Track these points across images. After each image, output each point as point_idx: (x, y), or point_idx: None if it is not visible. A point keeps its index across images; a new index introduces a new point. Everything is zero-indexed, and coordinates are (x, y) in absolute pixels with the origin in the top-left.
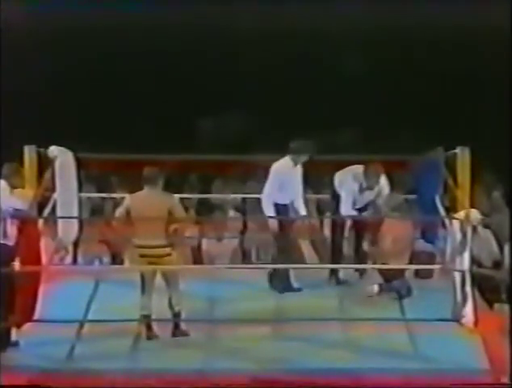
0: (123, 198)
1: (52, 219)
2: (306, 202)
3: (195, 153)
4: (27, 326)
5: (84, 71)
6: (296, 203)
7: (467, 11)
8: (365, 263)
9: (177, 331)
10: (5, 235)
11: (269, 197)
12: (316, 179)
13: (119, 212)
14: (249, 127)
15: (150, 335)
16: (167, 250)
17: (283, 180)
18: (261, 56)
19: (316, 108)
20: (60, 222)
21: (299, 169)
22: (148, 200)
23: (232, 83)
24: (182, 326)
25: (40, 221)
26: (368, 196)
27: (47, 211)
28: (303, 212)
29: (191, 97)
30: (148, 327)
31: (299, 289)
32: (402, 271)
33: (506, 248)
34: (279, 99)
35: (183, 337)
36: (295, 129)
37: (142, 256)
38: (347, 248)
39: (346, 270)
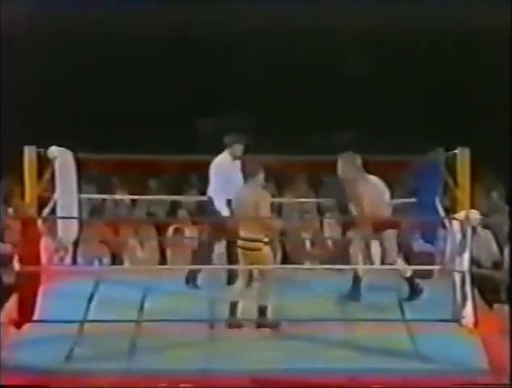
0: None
1: (52, 219)
2: None
3: (195, 153)
4: (26, 326)
5: (84, 71)
6: None
7: (467, 11)
8: None
9: (262, 321)
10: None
11: (219, 194)
12: (316, 179)
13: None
14: (249, 127)
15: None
16: (258, 244)
17: (226, 175)
18: (261, 56)
19: (317, 108)
20: (59, 222)
21: (238, 164)
22: (244, 195)
23: (232, 83)
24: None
25: (40, 221)
26: None
27: (47, 211)
28: None
29: (191, 97)
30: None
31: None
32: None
33: (506, 249)
34: (280, 99)
35: (265, 329)
36: (295, 129)
37: (239, 247)
38: None
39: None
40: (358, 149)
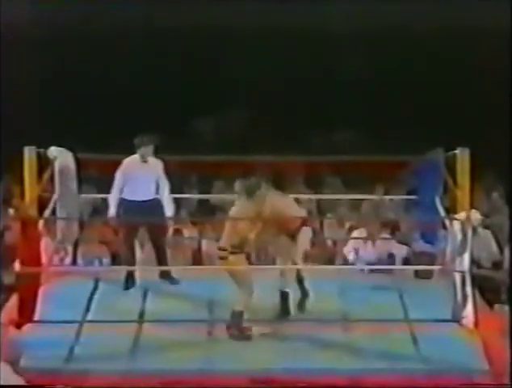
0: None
1: (52, 220)
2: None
3: (195, 153)
4: (26, 326)
5: (84, 71)
6: (164, 201)
7: (467, 11)
8: None
9: (232, 329)
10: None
11: (113, 193)
12: (317, 179)
13: None
14: (249, 127)
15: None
16: (224, 253)
17: (129, 176)
18: (261, 56)
19: (317, 108)
20: (59, 223)
21: (152, 165)
22: (240, 208)
23: (232, 83)
24: (245, 325)
25: (40, 222)
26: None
27: (47, 212)
28: (169, 211)
29: (191, 97)
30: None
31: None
32: None
33: (506, 249)
34: (279, 99)
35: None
36: (295, 129)
37: (219, 257)
38: None
39: None
40: (358, 149)
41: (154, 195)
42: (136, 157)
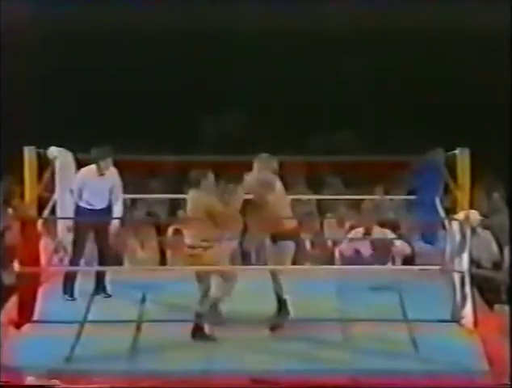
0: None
1: (52, 219)
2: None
3: (195, 153)
4: (26, 326)
5: (84, 71)
6: (115, 210)
7: (467, 11)
8: None
9: (197, 333)
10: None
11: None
12: (317, 179)
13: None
14: (249, 127)
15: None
16: (199, 250)
17: (85, 186)
18: (261, 56)
19: (316, 108)
20: (59, 223)
21: (108, 176)
22: (189, 202)
23: (232, 83)
24: (206, 329)
25: (40, 222)
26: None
27: (46, 211)
28: (117, 215)
29: (192, 97)
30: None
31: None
32: None
33: (506, 249)
34: (279, 99)
35: (205, 340)
36: (295, 129)
37: (188, 255)
38: None
39: None
40: (359, 149)
41: (109, 202)
42: (93, 168)
